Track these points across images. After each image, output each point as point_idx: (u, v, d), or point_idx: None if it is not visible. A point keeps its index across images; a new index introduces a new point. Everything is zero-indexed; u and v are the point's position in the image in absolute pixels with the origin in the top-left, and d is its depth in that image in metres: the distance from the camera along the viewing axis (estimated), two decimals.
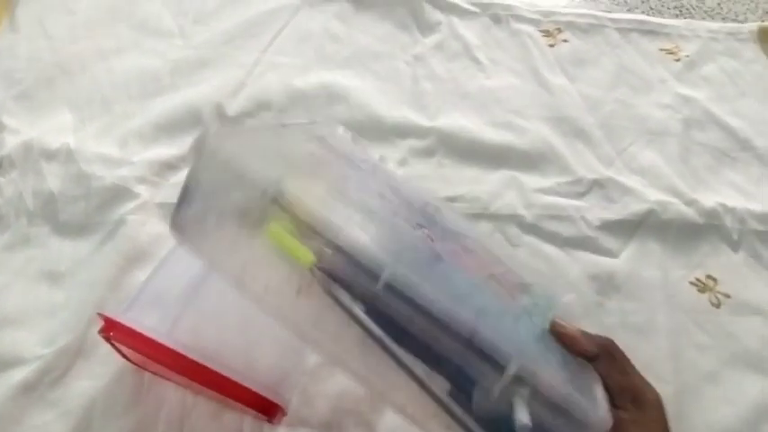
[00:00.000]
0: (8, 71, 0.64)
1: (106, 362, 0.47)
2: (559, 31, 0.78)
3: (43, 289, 0.51)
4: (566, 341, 0.32)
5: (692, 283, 0.58)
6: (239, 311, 0.46)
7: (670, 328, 0.55)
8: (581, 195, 0.63)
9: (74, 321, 0.48)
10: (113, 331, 0.38)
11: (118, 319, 0.38)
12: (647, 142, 0.68)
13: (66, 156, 0.57)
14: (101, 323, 0.39)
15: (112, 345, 0.41)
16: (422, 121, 0.67)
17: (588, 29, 0.79)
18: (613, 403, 0.30)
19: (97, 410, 0.45)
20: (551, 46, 0.76)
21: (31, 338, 0.48)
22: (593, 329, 0.45)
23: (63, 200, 0.55)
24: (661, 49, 0.78)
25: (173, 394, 0.46)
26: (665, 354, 0.53)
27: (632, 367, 0.32)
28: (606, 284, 0.57)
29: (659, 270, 0.58)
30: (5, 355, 0.47)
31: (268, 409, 0.39)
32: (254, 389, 0.38)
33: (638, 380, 0.31)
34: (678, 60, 0.77)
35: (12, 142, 0.58)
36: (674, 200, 0.62)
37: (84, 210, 0.55)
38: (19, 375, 0.46)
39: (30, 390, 0.45)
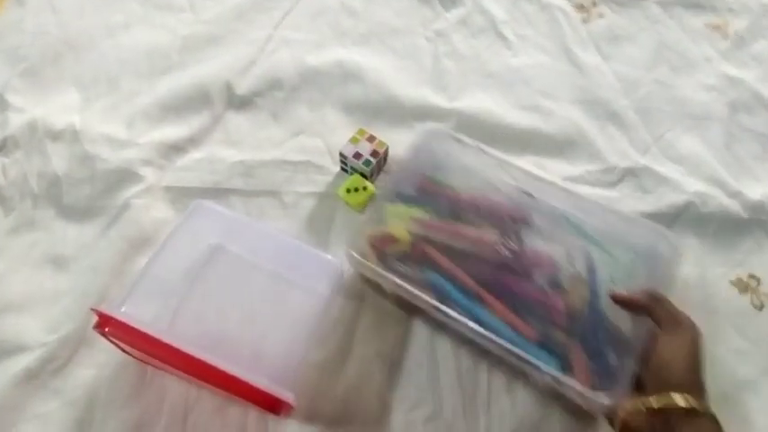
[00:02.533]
0: (14, 47, 0.62)
1: (109, 350, 0.45)
2: (594, 4, 0.72)
3: (47, 274, 0.49)
4: (626, 303, 0.43)
5: (732, 282, 0.53)
6: (244, 302, 0.44)
7: (706, 331, 0.49)
8: (612, 185, 0.59)
9: (77, 309, 0.47)
10: (108, 326, 0.36)
11: (113, 315, 0.36)
12: (687, 127, 0.63)
13: (71, 136, 0.56)
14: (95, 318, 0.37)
15: (110, 340, 0.39)
16: (441, 102, 0.63)
17: (626, 2, 0.73)
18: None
19: (100, 401, 0.44)
20: (585, 21, 0.71)
21: (34, 325, 0.47)
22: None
23: (68, 182, 0.53)
24: (707, 25, 0.71)
25: (176, 386, 0.45)
26: None
27: (671, 303, 0.42)
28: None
29: (696, 267, 0.54)
30: (8, 342, 0.46)
31: (271, 404, 0.37)
32: (257, 384, 0.36)
33: (674, 310, 0.42)
34: (726, 37, 0.70)
35: (16, 121, 0.56)
36: (716, 191, 0.57)
37: (89, 193, 0.53)
38: (22, 363, 0.45)
39: (32, 378, 0.44)
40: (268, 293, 0.45)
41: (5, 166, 0.54)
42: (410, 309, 0.46)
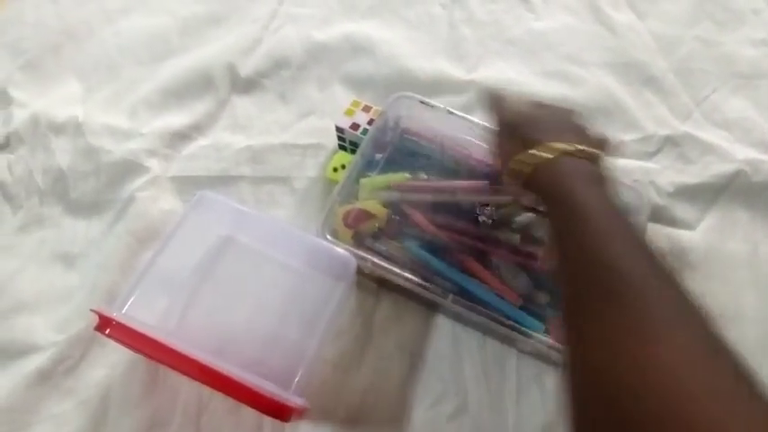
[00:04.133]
0: (15, 40, 0.61)
1: (120, 349, 0.44)
2: None
3: (57, 272, 0.48)
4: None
5: None
6: (255, 296, 0.42)
7: (759, 313, 0.46)
8: (650, 156, 0.54)
9: (87, 307, 0.45)
10: (109, 328, 0.34)
11: (113, 316, 0.34)
12: (734, 88, 0.57)
13: (74, 129, 0.54)
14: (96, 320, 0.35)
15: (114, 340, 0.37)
16: (459, 73, 0.58)
17: None
18: None
19: (113, 400, 0.43)
20: None
21: (44, 324, 0.46)
22: None
23: (73, 176, 0.52)
24: None
25: (189, 385, 0.43)
26: (752, 344, 0.44)
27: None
28: (680, 262, 0.48)
29: (747, 243, 0.49)
30: (20, 342, 0.45)
31: (278, 411, 0.34)
32: (262, 390, 0.34)
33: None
34: None
35: (19, 116, 0.55)
36: None
37: (95, 186, 0.51)
38: (34, 363, 0.44)
39: (45, 378, 0.43)
40: (280, 287, 0.43)
41: (11, 163, 0.53)
42: (398, 290, 0.45)
